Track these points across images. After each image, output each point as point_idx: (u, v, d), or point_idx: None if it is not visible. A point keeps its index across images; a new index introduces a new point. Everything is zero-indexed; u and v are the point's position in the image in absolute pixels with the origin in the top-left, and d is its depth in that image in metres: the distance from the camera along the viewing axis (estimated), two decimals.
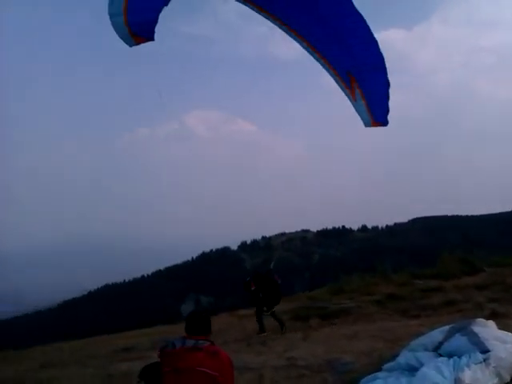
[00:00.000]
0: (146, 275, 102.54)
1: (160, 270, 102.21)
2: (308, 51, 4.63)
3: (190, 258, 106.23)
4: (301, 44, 4.60)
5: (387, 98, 4.59)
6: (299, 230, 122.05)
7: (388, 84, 4.52)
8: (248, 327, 13.97)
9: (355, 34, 4.22)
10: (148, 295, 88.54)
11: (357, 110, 4.79)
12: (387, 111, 4.69)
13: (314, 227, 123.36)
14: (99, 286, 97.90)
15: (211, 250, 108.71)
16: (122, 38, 3.43)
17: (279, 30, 4.76)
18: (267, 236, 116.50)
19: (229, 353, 4.11)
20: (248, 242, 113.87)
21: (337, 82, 4.78)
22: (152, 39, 3.47)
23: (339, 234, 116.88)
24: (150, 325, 19.69)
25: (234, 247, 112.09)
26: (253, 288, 10.76)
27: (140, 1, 3.35)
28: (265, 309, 11.11)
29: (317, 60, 4.68)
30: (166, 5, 3.57)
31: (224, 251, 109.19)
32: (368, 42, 4.26)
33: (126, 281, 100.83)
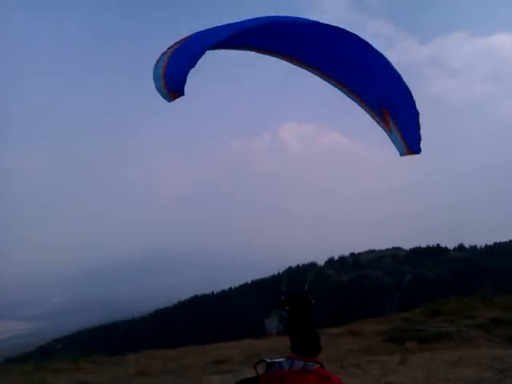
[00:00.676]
0: (233, 287, 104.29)
1: (247, 283, 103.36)
2: (345, 93, 5.13)
3: (276, 273, 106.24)
4: (338, 88, 5.15)
5: (418, 127, 4.97)
6: (390, 247, 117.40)
7: (418, 114, 4.91)
8: (340, 347, 13.56)
9: (383, 72, 4.78)
10: (234, 307, 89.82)
11: (392, 141, 5.14)
12: (419, 140, 5.01)
13: (406, 245, 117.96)
14: (189, 297, 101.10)
15: (298, 265, 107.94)
16: (162, 96, 4.16)
17: None
18: (355, 252, 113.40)
19: None
20: (335, 258, 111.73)
21: (372, 117, 5.20)
22: (183, 95, 4.16)
23: (433, 253, 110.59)
24: (237, 337, 19.86)
25: (321, 263, 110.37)
26: (287, 308, 10.51)
27: (173, 66, 4.19)
28: None
29: (353, 100, 5.18)
30: (193, 66, 4.17)
31: (311, 266, 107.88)
32: (394, 77, 4.80)
33: (214, 292, 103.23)
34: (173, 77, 4.08)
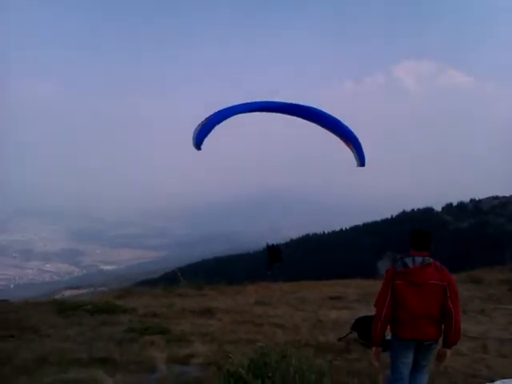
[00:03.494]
0: (344, 229, 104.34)
1: (358, 226, 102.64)
2: (324, 128, 7.68)
3: (389, 216, 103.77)
4: (320, 126, 7.70)
5: (361, 150, 7.68)
6: None
7: (360, 145, 7.65)
8: (462, 294, 13.05)
9: (337, 121, 7.54)
10: (345, 249, 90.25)
11: (354, 157, 7.82)
12: (364, 159, 7.71)
13: None
14: (300, 235, 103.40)
15: (413, 210, 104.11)
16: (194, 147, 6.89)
17: None
18: (476, 198, 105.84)
19: None
20: (454, 203, 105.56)
21: (342, 141, 7.86)
22: (200, 150, 6.84)
23: None
24: (349, 277, 19.99)
25: (438, 208, 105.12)
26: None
27: (197, 132, 6.75)
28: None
29: (330, 132, 7.75)
30: (209, 132, 6.79)
31: (427, 212, 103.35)
32: (343, 125, 7.52)
33: (326, 232, 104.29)
34: (195, 139, 6.82)
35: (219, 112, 6.95)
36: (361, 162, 7.88)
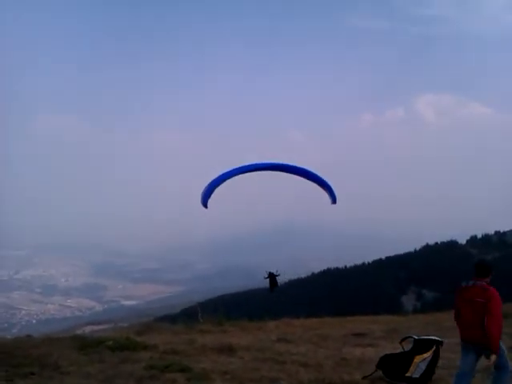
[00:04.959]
0: (366, 263, 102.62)
1: (381, 259, 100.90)
2: (304, 178, 9.46)
3: (412, 250, 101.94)
4: (300, 176, 9.56)
5: (332, 191, 9.62)
6: None
7: (330, 187, 9.66)
8: None
9: (313, 174, 9.48)
10: (368, 283, 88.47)
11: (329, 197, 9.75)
12: (335, 197, 9.66)
13: None
14: (322, 269, 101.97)
15: (436, 243, 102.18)
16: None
17: None
18: (501, 231, 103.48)
19: None
20: (478, 236, 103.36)
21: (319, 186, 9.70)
22: (206, 208, 8.84)
23: None
24: (372, 312, 19.59)
25: (463, 241, 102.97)
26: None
27: (203, 193, 8.72)
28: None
29: (309, 180, 9.57)
30: (212, 192, 8.83)
31: (451, 244, 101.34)
32: (316, 175, 9.50)
33: (347, 267, 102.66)
34: (201, 199, 8.70)
35: (222, 175, 8.81)
36: (333, 199, 9.81)
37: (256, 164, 9.04)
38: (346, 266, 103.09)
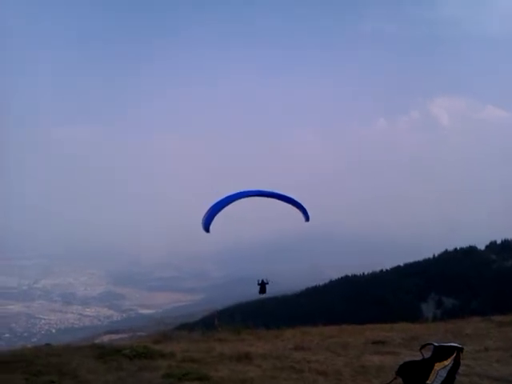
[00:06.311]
0: (384, 270, 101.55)
1: (399, 266, 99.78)
2: (280, 200, 11.61)
3: (431, 256, 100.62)
4: (277, 199, 11.63)
5: (305, 211, 11.70)
6: None
7: (303, 208, 11.74)
8: (509, 335, 12.38)
9: (288, 197, 11.71)
10: (386, 290, 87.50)
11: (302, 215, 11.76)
12: (308, 216, 11.71)
13: None
14: (340, 277, 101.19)
15: (455, 249, 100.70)
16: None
17: None
18: None
19: (490, 362, 4.02)
20: (498, 241, 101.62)
21: (293, 207, 11.68)
22: (208, 232, 11.01)
23: None
24: (390, 320, 19.35)
25: (482, 247, 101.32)
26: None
27: (204, 219, 10.92)
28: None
29: (285, 202, 11.58)
30: (211, 219, 11.06)
31: (470, 250, 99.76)
32: (291, 198, 11.66)
33: (365, 274, 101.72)
34: (203, 224, 10.52)
35: (220, 201, 10.48)
36: (306, 218, 11.55)
37: (240, 192, 11.02)
38: (364, 273, 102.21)
